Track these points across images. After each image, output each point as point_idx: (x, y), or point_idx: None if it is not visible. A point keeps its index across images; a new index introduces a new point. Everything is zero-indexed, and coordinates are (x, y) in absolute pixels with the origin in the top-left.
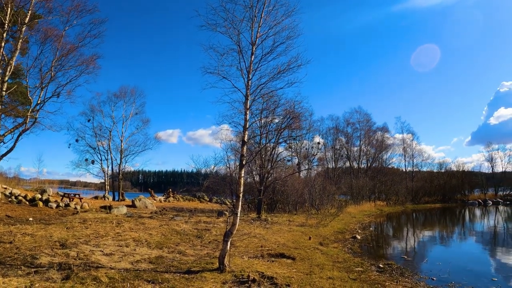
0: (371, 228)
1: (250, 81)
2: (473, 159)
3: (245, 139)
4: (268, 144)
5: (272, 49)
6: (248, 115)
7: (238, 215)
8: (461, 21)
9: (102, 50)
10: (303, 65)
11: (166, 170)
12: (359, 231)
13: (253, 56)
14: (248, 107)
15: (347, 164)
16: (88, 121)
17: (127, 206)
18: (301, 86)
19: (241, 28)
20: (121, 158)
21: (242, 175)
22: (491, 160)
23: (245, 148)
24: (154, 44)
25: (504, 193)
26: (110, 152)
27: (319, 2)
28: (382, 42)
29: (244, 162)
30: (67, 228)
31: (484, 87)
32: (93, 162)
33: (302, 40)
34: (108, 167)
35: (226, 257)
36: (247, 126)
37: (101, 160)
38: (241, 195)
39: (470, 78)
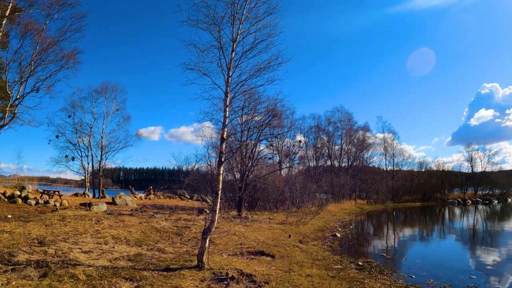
0: (351, 226)
1: (230, 78)
2: (453, 159)
3: (224, 136)
4: (249, 142)
5: (253, 46)
6: (227, 112)
7: (217, 212)
8: (449, 24)
9: (83, 45)
10: (283, 62)
11: (147, 167)
12: (339, 229)
13: (233, 53)
14: (227, 104)
15: (328, 162)
16: (69, 117)
17: (107, 203)
18: (282, 84)
19: (222, 24)
20: (101, 155)
21: (221, 172)
22: (470, 160)
23: (224, 145)
24: (137, 40)
25: (483, 192)
26: (91, 149)
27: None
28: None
29: (223, 159)
30: (45, 225)
31: (465, 88)
32: (73, 158)
33: (288, 39)
34: (88, 163)
35: (204, 254)
36: (227, 123)
37: (81, 156)
38: (219, 192)
39: (452, 80)
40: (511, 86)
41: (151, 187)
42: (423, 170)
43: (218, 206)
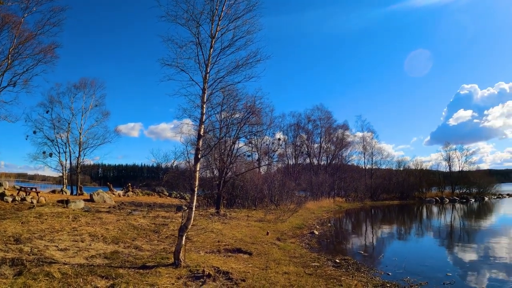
0: (329, 224)
1: (208, 75)
2: (431, 158)
3: (201, 132)
4: (228, 139)
5: (231, 43)
6: (204, 109)
7: (193, 209)
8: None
9: (61, 39)
10: (262, 60)
11: (127, 164)
12: (318, 226)
13: (212, 49)
14: (205, 100)
15: (307, 160)
16: (47, 112)
17: (85, 200)
18: (260, 81)
19: (201, 20)
20: (79, 151)
21: (198, 169)
22: (448, 159)
23: (201, 142)
24: (117, 35)
25: (460, 191)
26: (69, 145)
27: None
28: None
29: (199, 156)
30: (22, 222)
31: (444, 88)
32: (51, 155)
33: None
34: (66, 160)
35: (181, 252)
36: (204, 120)
37: (59, 153)
38: (196, 189)
39: (431, 80)
40: (490, 87)
41: (129, 184)
42: (401, 169)
43: (195, 203)
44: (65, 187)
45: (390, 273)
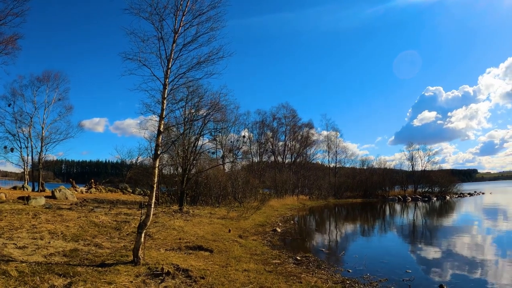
0: (292, 222)
1: (169, 70)
2: (395, 157)
3: (161, 128)
4: (192, 135)
5: (194, 38)
6: (165, 104)
7: (152, 206)
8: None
9: (24, 31)
10: (225, 57)
11: (90, 160)
12: (280, 224)
13: (174, 45)
14: (165, 96)
15: (272, 158)
16: (9, 105)
17: (47, 197)
18: (222, 78)
19: (165, 15)
20: (41, 146)
21: (157, 165)
22: (412, 159)
23: (160, 138)
24: (83, 28)
25: (423, 190)
26: (31, 140)
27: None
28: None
29: (159, 152)
30: None
31: (409, 90)
32: (12, 150)
33: (226, 32)
34: (28, 155)
35: (140, 249)
36: (164, 116)
37: (20, 148)
38: (155, 186)
39: (397, 81)
40: (455, 90)
41: (92, 181)
42: (365, 167)
43: (154, 200)
44: (26, 184)
45: (350, 270)
